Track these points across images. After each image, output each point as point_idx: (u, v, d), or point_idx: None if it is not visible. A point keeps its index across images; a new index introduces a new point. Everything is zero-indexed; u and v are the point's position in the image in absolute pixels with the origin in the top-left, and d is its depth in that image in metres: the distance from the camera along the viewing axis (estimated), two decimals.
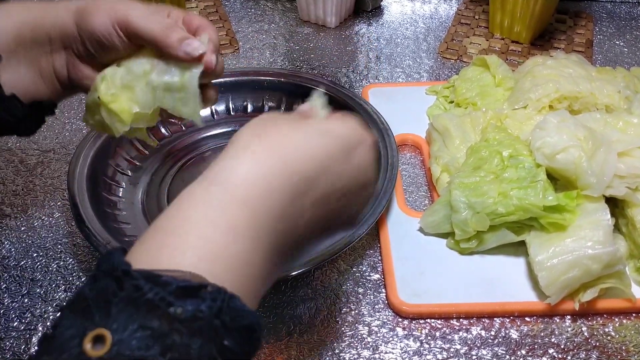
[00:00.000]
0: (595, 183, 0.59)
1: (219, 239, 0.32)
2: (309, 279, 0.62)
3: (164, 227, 0.33)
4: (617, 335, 0.57)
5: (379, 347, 0.56)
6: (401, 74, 0.88)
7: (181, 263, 0.30)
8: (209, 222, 0.32)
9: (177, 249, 0.31)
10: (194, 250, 0.31)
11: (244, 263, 0.32)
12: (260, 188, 0.34)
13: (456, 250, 0.63)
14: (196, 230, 0.32)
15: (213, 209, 0.33)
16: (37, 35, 0.49)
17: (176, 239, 0.32)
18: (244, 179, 0.34)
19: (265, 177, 0.34)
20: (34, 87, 0.51)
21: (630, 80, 0.75)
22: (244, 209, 0.33)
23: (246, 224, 0.33)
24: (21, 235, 0.66)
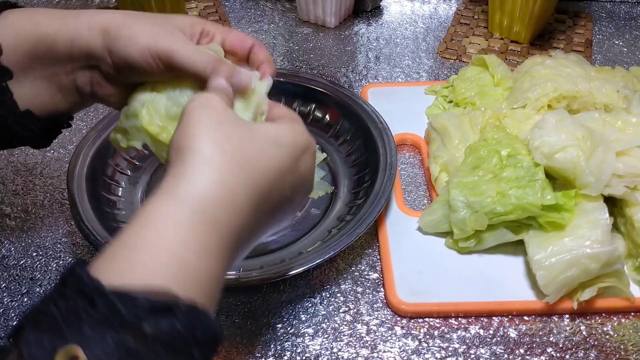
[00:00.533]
0: (594, 182, 0.59)
1: (190, 259, 0.33)
2: (307, 278, 0.62)
3: (133, 242, 0.33)
4: (616, 334, 0.57)
5: (378, 346, 0.56)
6: (400, 73, 0.88)
7: (154, 281, 0.31)
8: (180, 241, 0.33)
9: (149, 267, 0.31)
10: (167, 269, 0.32)
11: (212, 279, 0.34)
12: (229, 210, 0.35)
13: (455, 250, 0.63)
14: (168, 249, 0.32)
15: (185, 230, 0.33)
16: (54, 53, 0.46)
17: (148, 256, 0.32)
18: (213, 202, 0.35)
19: (233, 199, 0.36)
20: (52, 102, 0.49)
21: (629, 79, 0.75)
22: (213, 230, 0.34)
23: (215, 244, 0.34)
24: (21, 235, 0.66)
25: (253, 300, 0.60)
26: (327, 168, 0.73)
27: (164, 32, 0.46)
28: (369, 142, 0.71)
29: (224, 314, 0.59)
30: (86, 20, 0.46)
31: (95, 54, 0.46)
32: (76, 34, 0.46)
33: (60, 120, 0.51)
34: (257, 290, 0.61)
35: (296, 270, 0.57)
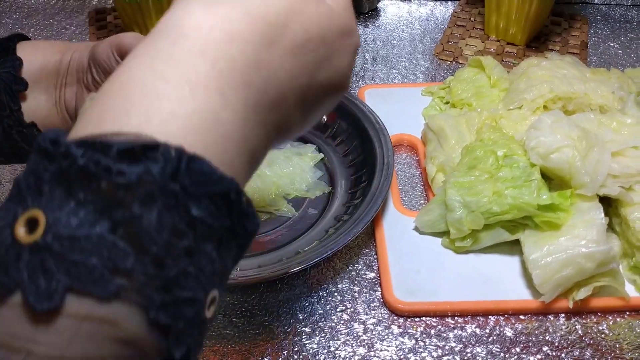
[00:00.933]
0: (589, 182, 0.59)
1: (171, 94, 0.25)
2: (304, 277, 0.62)
3: (105, 91, 0.26)
4: (611, 333, 0.58)
5: (375, 345, 0.56)
6: (397, 75, 0.89)
7: (127, 125, 0.24)
8: (157, 76, 0.26)
9: (120, 110, 0.25)
10: (139, 109, 0.25)
11: (209, 122, 0.25)
12: (217, 36, 0.27)
13: (451, 249, 0.63)
14: (141, 86, 0.25)
15: (161, 62, 0.26)
16: (60, 68, 0.54)
17: (118, 100, 0.25)
18: (195, 28, 0.27)
19: (223, 25, 0.28)
20: (49, 117, 0.54)
21: (624, 81, 0.75)
22: (200, 59, 0.26)
23: (205, 75, 0.26)
24: None
25: (250, 300, 0.60)
26: (324, 168, 0.73)
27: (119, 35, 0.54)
28: (366, 142, 0.72)
29: (221, 313, 0.59)
30: (87, 44, 0.56)
31: (83, 65, 0.54)
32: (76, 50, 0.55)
33: None
34: (254, 290, 0.61)
35: (293, 270, 0.57)
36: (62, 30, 0.97)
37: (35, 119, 0.53)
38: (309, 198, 0.70)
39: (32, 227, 0.22)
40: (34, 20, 0.99)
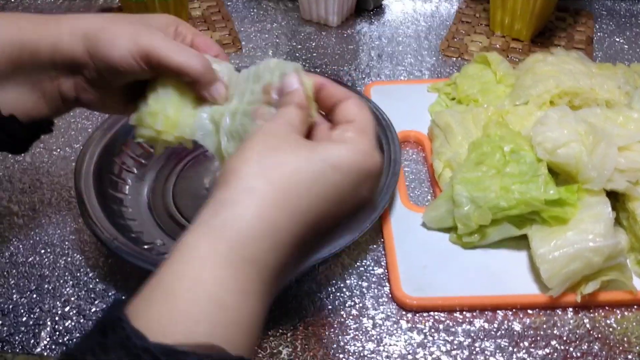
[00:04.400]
0: (596, 177, 0.60)
1: (231, 303, 0.31)
2: (313, 273, 0.62)
3: (172, 287, 0.31)
4: (619, 327, 0.58)
5: (383, 340, 0.57)
6: (403, 71, 0.89)
7: (196, 332, 0.29)
8: (220, 284, 0.31)
9: (191, 317, 0.30)
10: (208, 318, 0.30)
11: (253, 322, 0.32)
12: (267, 247, 0.33)
13: (459, 245, 0.64)
14: (208, 294, 0.31)
15: (223, 269, 0.31)
16: (37, 60, 0.46)
17: (188, 304, 0.30)
18: (252, 237, 0.32)
19: (272, 233, 0.33)
20: (35, 108, 0.49)
21: (630, 75, 0.75)
22: (253, 268, 0.32)
23: (256, 282, 0.32)
24: (29, 232, 0.67)
25: None
26: None
27: (142, 31, 0.46)
28: None
29: None
30: (68, 25, 0.46)
31: (77, 60, 0.46)
32: (58, 40, 0.46)
33: (40, 126, 0.51)
34: None
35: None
36: None
37: (16, 111, 0.47)
38: None
39: None
40: None
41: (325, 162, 0.35)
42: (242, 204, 0.33)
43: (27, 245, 0.65)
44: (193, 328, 0.29)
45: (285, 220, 0.33)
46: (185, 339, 0.29)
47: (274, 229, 0.33)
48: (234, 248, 0.32)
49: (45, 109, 0.49)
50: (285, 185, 0.34)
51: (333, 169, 0.35)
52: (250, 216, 0.33)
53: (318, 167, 0.35)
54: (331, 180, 0.35)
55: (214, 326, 0.30)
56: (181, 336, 0.29)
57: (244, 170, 0.34)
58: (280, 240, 0.33)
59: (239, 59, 0.92)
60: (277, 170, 0.34)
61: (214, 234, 0.32)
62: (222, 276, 0.31)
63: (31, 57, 0.46)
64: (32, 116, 0.49)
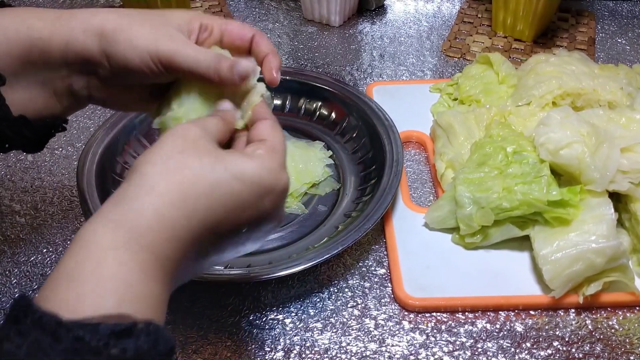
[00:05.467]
0: (599, 178, 0.60)
1: (134, 281, 0.33)
2: (315, 273, 0.62)
3: (76, 272, 0.33)
4: (621, 328, 0.58)
5: (386, 340, 0.57)
6: (405, 72, 0.89)
7: (104, 306, 0.31)
8: (122, 265, 0.33)
9: (97, 295, 0.32)
10: (114, 294, 0.32)
11: (156, 300, 0.34)
12: (163, 238, 0.35)
13: (461, 245, 0.64)
14: (111, 274, 0.33)
15: (123, 253, 0.33)
16: (49, 58, 0.44)
17: (93, 285, 0.32)
18: (149, 228, 0.35)
19: (169, 228, 0.35)
20: (46, 107, 0.47)
21: (633, 77, 0.75)
22: (151, 255, 0.34)
23: (154, 268, 0.34)
24: (31, 231, 0.67)
25: (262, 296, 0.60)
26: (333, 165, 0.74)
27: (163, 34, 0.44)
28: (374, 139, 0.72)
29: (234, 309, 0.59)
30: (81, 22, 0.44)
31: (92, 59, 0.44)
32: (71, 38, 0.43)
33: (54, 124, 0.50)
34: (265, 286, 0.61)
35: (304, 266, 0.58)
36: None
37: (27, 111, 0.46)
38: (319, 195, 0.70)
39: None
40: None
41: (227, 172, 0.37)
42: (140, 200, 0.35)
43: (29, 244, 0.65)
44: (101, 303, 0.31)
45: (181, 219, 0.36)
46: (95, 313, 0.31)
47: (170, 225, 0.35)
48: (132, 237, 0.34)
49: (56, 107, 0.47)
50: (184, 188, 0.36)
51: (235, 179, 0.38)
52: (148, 212, 0.35)
53: (220, 175, 0.37)
54: (231, 189, 0.37)
55: (120, 301, 0.32)
56: (91, 312, 0.31)
57: (147, 170, 0.36)
58: (177, 235, 0.35)
59: None
60: (179, 173, 0.36)
61: (113, 223, 0.34)
62: (123, 258, 0.33)
63: (41, 55, 0.44)
64: (43, 115, 0.47)
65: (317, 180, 0.71)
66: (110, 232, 0.34)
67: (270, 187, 0.39)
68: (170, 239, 0.35)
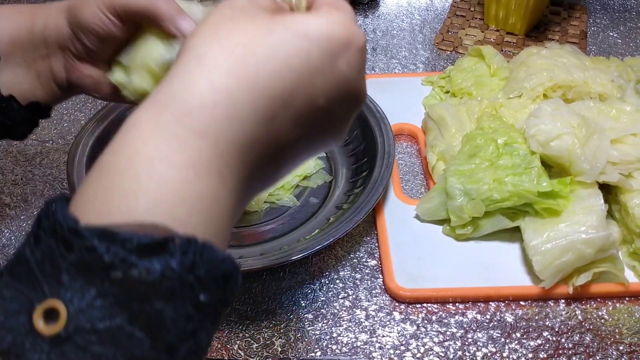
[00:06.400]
0: (589, 169, 0.60)
1: (176, 177, 0.26)
2: (306, 265, 0.63)
3: (109, 165, 0.27)
4: (611, 319, 0.58)
5: (377, 331, 0.57)
6: (397, 65, 0.89)
7: (135, 209, 0.25)
8: (162, 157, 0.27)
9: (128, 192, 0.26)
10: (148, 193, 0.26)
11: (210, 202, 0.27)
12: (220, 116, 0.28)
13: (452, 237, 0.64)
14: (147, 168, 0.26)
15: (165, 142, 0.27)
16: (33, 38, 0.49)
17: (125, 180, 0.26)
18: (200, 106, 0.28)
19: (227, 102, 0.28)
20: (31, 90, 0.50)
21: (624, 69, 0.76)
22: (203, 141, 0.28)
23: (207, 158, 0.28)
24: (21, 224, 0.66)
25: (253, 287, 0.60)
26: (325, 157, 0.74)
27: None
28: (366, 131, 0.72)
29: None
30: (57, 5, 0.50)
31: (62, 33, 0.49)
32: (48, 17, 0.49)
33: (39, 110, 0.52)
34: (257, 277, 0.61)
35: (295, 257, 0.58)
36: None
37: (14, 93, 0.49)
38: (310, 187, 0.70)
39: (50, 317, 0.23)
40: None
41: (288, 29, 0.30)
42: (190, 71, 0.29)
43: (19, 237, 0.65)
44: (131, 205, 0.25)
45: (242, 89, 0.29)
46: (123, 217, 0.25)
47: (228, 97, 0.28)
48: (179, 118, 0.28)
49: (40, 91, 0.51)
50: (241, 51, 0.29)
51: (299, 35, 0.30)
52: (200, 83, 0.28)
53: (281, 34, 0.30)
54: (297, 48, 0.30)
55: (155, 203, 0.26)
56: (118, 215, 0.25)
57: (195, 41, 0.30)
58: (237, 111, 0.29)
59: None
60: (232, 39, 0.30)
61: (158, 105, 0.28)
62: (164, 148, 0.27)
63: (27, 36, 0.48)
64: (28, 98, 0.50)
65: (309, 173, 0.71)
66: (154, 115, 0.28)
67: (344, 42, 0.32)
68: (231, 117, 0.28)
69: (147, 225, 0.25)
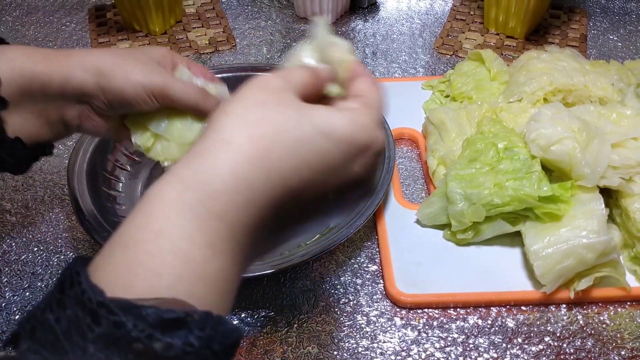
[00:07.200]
0: (589, 174, 0.60)
1: (197, 257, 0.29)
2: (307, 270, 0.62)
3: (133, 239, 0.29)
4: (612, 324, 0.58)
5: (378, 337, 0.57)
6: (397, 69, 0.89)
7: (159, 286, 0.27)
8: (185, 236, 0.29)
9: (152, 269, 0.28)
10: (171, 271, 0.28)
11: (223, 280, 0.30)
12: (239, 203, 0.30)
13: (453, 242, 0.64)
14: (171, 246, 0.29)
15: (189, 222, 0.29)
16: (47, 91, 0.49)
17: (149, 257, 0.28)
18: (222, 191, 0.30)
19: (246, 191, 0.31)
20: (39, 133, 0.52)
21: (624, 73, 0.76)
22: (221, 224, 0.30)
23: (223, 239, 0.30)
24: (21, 230, 0.66)
25: (254, 293, 0.60)
26: None
27: (153, 69, 0.51)
28: None
29: None
30: (79, 60, 0.50)
31: (88, 92, 0.50)
32: (70, 74, 0.49)
33: (42, 148, 0.54)
34: (258, 283, 0.61)
35: (296, 263, 0.58)
36: (62, 28, 0.97)
37: (21, 135, 0.50)
38: None
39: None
40: (34, 18, 0.99)
41: (314, 127, 0.33)
42: (216, 155, 0.31)
43: (20, 243, 0.65)
44: (154, 282, 0.28)
45: (261, 180, 0.31)
46: (146, 293, 0.27)
47: (247, 186, 0.31)
48: (201, 200, 0.30)
49: (48, 133, 0.52)
50: (266, 143, 0.31)
51: (322, 135, 0.33)
52: (223, 169, 0.30)
53: (306, 131, 0.32)
54: (318, 147, 0.32)
55: (177, 280, 0.28)
56: (142, 290, 0.27)
57: (224, 122, 0.32)
58: (254, 199, 0.31)
59: (233, 56, 0.92)
60: (260, 127, 0.32)
61: (182, 184, 0.30)
62: (187, 228, 0.29)
63: (41, 87, 0.49)
64: (34, 140, 0.52)
65: None
66: (177, 194, 0.30)
67: (363, 146, 0.34)
68: (247, 205, 0.30)
69: (168, 300, 0.27)
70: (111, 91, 0.50)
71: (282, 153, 0.32)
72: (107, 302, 0.26)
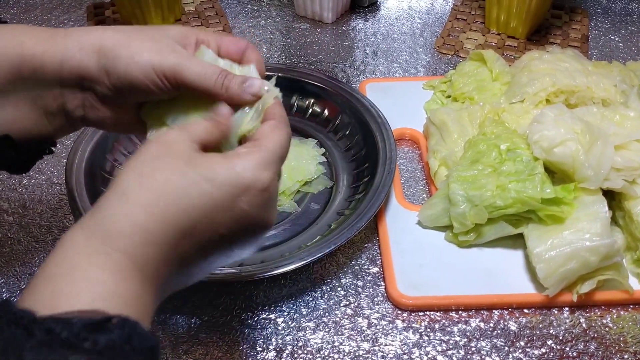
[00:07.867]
0: (593, 176, 0.59)
1: (108, 280, 0.34)
2: (308, 272, 0.62)
3: (52, 274, 0.33)
4: (615, 327, 0.58)
5: (379, 340, 0.56)
6: (398, 69, 0.89)
7: (79, 305, 0.32)
8: (96, 266, 0.34)
9: (71, 293, 0.32)
10: (87, 292, 0.33)
11: (135, 298, 0.35)
12: (137, 242, 0.35)
13: (454, 243, 0.63)
14: (85, 275, 0.33)
15: (97, 256, 0.34)
16: (40, 76, 0.43)
17: (67, 285, 0.33)
18: (121, 233, 0.35)
19: (142, 233, 0.36)
20: (36, 126, 0.46)
21: (626, 74, 0.75)
22: (124, 255, 0.35)
23: (129, 269, 0.35)
24: (19, 230, 0.66)
25: (254, 295, 0.60)
26: (326, 163, 0.73)
27: (165, 47, 0.43)
28: (368, 136, 0.71)
29: (226, 309, 0.59)
30: (76, 39, 0.43)
31: (89, 76, 0.43)
32: (66, 56, 0.43)
33: (41, 146, 0.49)
34: (258, 285, 0.60)
35: (297, 265, 0.57)
36: (60, 25, 0.96)
37: (13, 131, 0.45)
38: (311, 193, 0.70)
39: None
40: (32, 15, 0.98)
41: (199, 174, 0.38)
42: (113, 207, 0.36)
43: (17, 242, 0.64)
44: (74, 302, 0.32)
45: (155, 223, 0.36)
46: (69, 309, 0.31)
47: (143, 230, 0.36)
48: (105, 242, 0.35)
49: (46, 127, 0.46)
50: (158, 190, 0.36)
51: (205, 180, 0.38)
52: (120, 218, 0.35)
53: (191, 178, 0.37)
54: (202, 191, 0.37)
55: (94, 298, 0.33)
56: (65, 308, 0.31)
57: (122, 177, 0.37)
58: (151, 239, 0.36)
59: None
60: (151, 179, 0.37)
61: (88, 231, 0.35)
62: (97, 260, 0.34)
63: (33, 72, 0.43)
64: (32, 135, 0.46)
65: (310, 178, 0.71)
66: (85, 238, 0.35)
67: (244, 186, 0.39)
68: (145, 243, 0.36)
69: (90, 311, 0.31)
70: (115, 73, 0.43)
71: (171, 199, 0.37)
72: (37, 318, 0.30)
